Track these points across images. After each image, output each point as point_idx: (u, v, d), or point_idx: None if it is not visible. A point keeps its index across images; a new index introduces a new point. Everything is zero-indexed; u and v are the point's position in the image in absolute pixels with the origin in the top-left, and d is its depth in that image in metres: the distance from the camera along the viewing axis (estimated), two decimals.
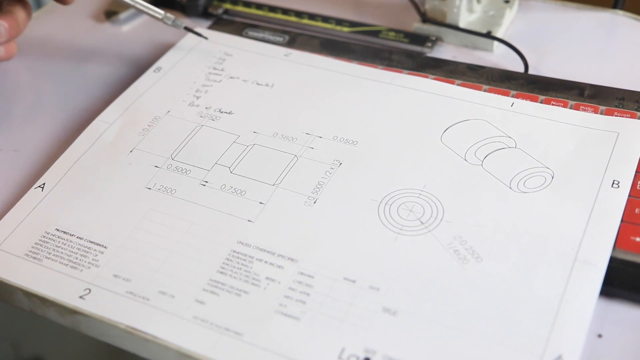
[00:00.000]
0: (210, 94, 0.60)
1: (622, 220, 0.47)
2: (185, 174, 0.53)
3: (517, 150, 0.52)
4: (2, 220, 0.51)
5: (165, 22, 0.64)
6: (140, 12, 0.64)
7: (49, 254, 0.48)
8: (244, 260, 0.47)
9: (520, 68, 0.62)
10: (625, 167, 0.50)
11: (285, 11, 0.71)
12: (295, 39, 0.66)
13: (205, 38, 0.65)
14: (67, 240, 0.49)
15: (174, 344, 0.43)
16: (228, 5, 0.72)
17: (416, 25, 0.68)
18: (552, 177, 0.50)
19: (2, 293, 0.48)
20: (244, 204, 0.50)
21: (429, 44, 0.66)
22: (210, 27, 0.69)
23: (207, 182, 0.52)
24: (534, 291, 0.44)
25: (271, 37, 0.67)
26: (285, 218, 0.49)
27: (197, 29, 0.67)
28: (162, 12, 0.64)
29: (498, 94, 0.58)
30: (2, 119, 0.61)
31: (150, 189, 0.52)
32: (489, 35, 0.65)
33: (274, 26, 0.69)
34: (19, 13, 0.60)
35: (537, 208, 0.48)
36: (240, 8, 0.72)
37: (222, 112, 0.58)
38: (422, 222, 0.48)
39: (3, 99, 0.63)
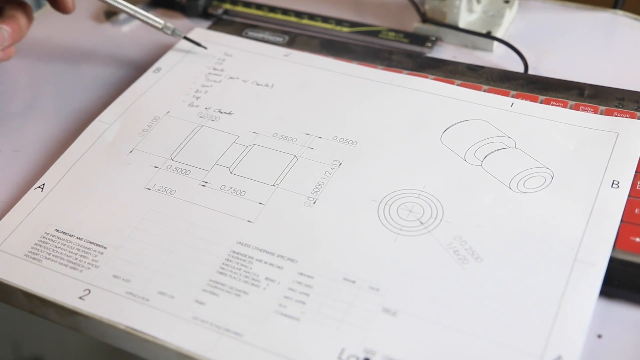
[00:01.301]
0: (210, 95, 0.60)
1: (621, 221, 0.47)
2: (184, 174, 0.53)
3: (517, 151, 0.52)
4: (1, 220, 0.51)
5: (165, 32, 0.64)
6: (141, 21, 0.64)
7: (49, 254, 0.48)
8: (244, 260, 0.47)
9: (520, 68, 0.62)
10: (625, 167, 0.50)
11: (285, 11, 0.71)
12: (295, 39, 0.66)
13: (205, 48, 0.64)
14: (67, 240, 0.49)
15: (174, 344, 0.43)
16: (228, 6, 0.72)
17: (416, 26, 0.68)
18: (552, 178, 0.50)
19: (1, 294, 0.48)
20: (244, 205, 0.50)
21: (429, 44, 0.66)
22: (210, 28, 0.69)
23: (206, 182, 0.52)
24: (533, 291, 0.44)
25: (271, 38, 0.67)
26: (284, 218, 0.49)
27: (197, 30, 0.67)
28: (162, 21, 0.63)
29: (498, 94, 0.58)
30: (2, 119, 0.61)
31: (149, 189, 0.52)
32: (488, 36, 0.65)
33: (274, 26, 0.69)
34: (21, 18, 0.60)
35: (537, 208, 0.48)
36: (240, 8, 0.72)
37: (221, 113, 0.58)
38: (421, 223, 0.48)
39: (3, 99, 0.63)
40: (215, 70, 0.63)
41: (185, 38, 0.64)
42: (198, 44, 0.64)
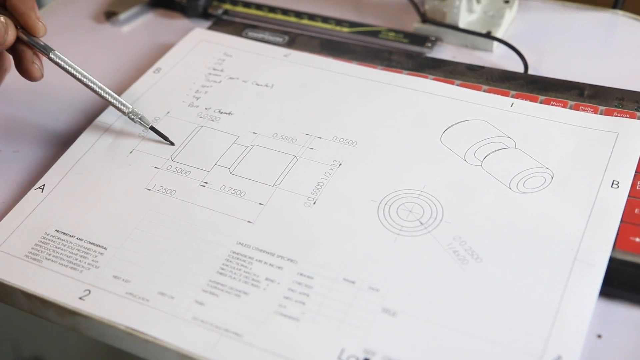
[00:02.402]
0: (210, 95, 0.60)
1: (621, 221, 0.47)
2: (185, 174, 0.53)
3: (517, 151, 0.52)
4: (2, 221, 0.51)
5: (130, 118, 0.56)
6: (107, 102, 0.57)
7: (49, 255, 0.48)
8: (244, 261, 0.47)
9: (519, 68, 0.62)
10: (624, 167, 0.50)
11: (285, 11, 0.71)
12: (295, 40, 0.66)
13: (172, 144, 0.56)
14: (67, 241, 0.49)
15: (174, 344, 0.43)
16: (228, 6, 0.72)
17: (416, 26, 0.68)
18: (552, 178, 0.50)
19: (2, 294, 0.48)
20: (244, 205, 0.50)
21: (429, 44, 0.66)
22: (210, 28, 0.69)
23: (206, 183, 0.52)
24: (533, 291, 0.44)
25: (271, 38, 0.67)
26: (284, 219, 0.49)
27: (197, 30, 0.67)
28: (129, 106, 0.56)
29: (498, 94, 0.58)
30: (2, 120, 0.61)
31: (150, 190, 0.52)
32: (488, 36, 0.65)
33: (274, 27, 0.69)
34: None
35: (537, 208, 0.48)
36: (239, 8, 0.72)
37: (221, 113, 0.58)
38: (421, 223, 0.48)
39: (3, 100, 0.63)
40: (215, 71, 0.63)
41: (152, 129, 0.56)
42: (165, 138, 0.56)
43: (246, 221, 0.49)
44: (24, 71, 0.55)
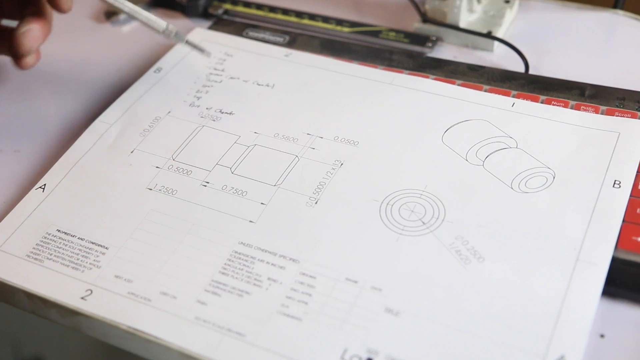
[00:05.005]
0: (211, 95, 0.60)
1: (623, 221, 0.47)
2: (186, 174, 0.53)
3: (518, 151, 0.52)
4: (3, 221, 0.51)
5: (167, 36, 0.61)
6: (141, 23, 0.60)
7: (50, 254, 0.48)
8: (246, 260, 0.47)
9: (520, 68, 0.62)
10: (626, 167, 0.50)
11: (286, 11, 0.71)
12: (296, 40, 0.66)
13: (209, 55, 0.63)
14: (69, 241, 0.49)
15: (176, 344, 0.43)
16: (228, 6, 0.72)
17: (416, 26, 0.68)
18: (554, 177, 0.50)
19: (3, 294, 0.48)
20: (246, 205, 0.50)
21: (430, 44, 0.66)
22: (211, 28, 0.69)
23: (208, 182, 0.52)
24: (536, 291, 0.44)
25: (271, 38, 0.67)
26: (286, 218, 0.49)
27: (197, 30, 0.67)
28: (164, 24, 0.60)
29: (499, 94, 0.58)
30: (3, 119, 0.61)
31: (151, 189, 0.52)
32: (489, 35, 0.65)
33: (274, 26, 0.69)
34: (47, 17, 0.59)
35: (539, 208, 0.48)
36: (240, 8, 0.72)
37: (222, 113, 0.58)
38: (423, 223, 0.48)
39: (3, 100, 0.63)
40: (216, 71, 0.63)
41: (188, 43, 0.61)
42: (202, 50, 0.62)
43: (248, 221, 0.49)
44: (54, 2, 0.56)
